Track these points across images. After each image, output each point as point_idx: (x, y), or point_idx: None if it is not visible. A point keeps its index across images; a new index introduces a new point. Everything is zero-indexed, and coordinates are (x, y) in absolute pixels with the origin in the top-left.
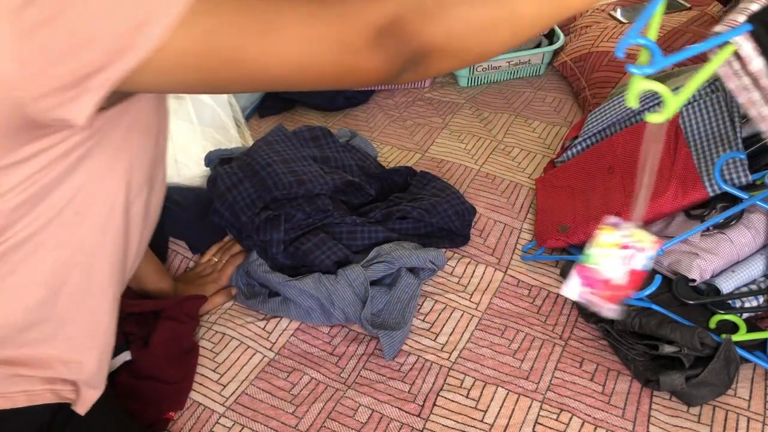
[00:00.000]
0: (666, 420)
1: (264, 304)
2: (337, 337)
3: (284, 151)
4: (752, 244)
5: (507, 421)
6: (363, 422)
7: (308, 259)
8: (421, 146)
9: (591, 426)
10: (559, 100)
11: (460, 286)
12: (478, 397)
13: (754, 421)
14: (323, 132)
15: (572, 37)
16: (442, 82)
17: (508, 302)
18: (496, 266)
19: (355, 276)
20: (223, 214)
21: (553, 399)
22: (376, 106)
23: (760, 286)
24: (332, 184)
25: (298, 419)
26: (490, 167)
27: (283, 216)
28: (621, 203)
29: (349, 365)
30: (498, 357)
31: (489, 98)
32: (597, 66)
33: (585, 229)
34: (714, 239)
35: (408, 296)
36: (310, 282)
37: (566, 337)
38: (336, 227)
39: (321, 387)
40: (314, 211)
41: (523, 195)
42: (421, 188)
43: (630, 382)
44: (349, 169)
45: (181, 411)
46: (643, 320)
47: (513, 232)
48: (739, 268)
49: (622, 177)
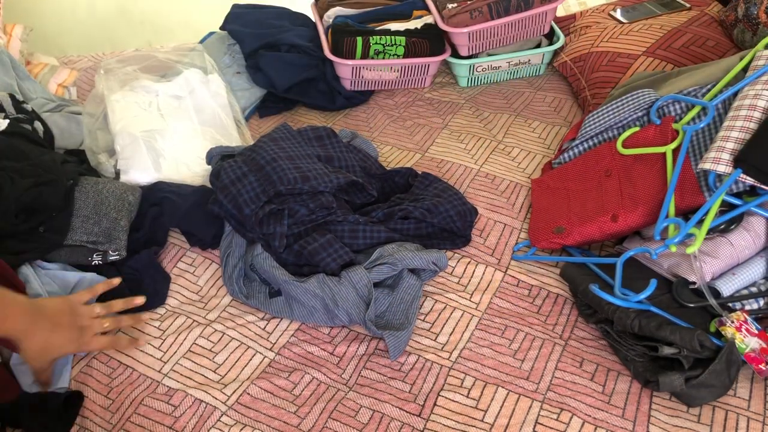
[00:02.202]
0: (666, 420)
1: (267, 306)
2: (338, 337)
3: (289, 148)
4: (752, 247)
5: (507, 420)
6: (364, 423)
7: (314, 260)
8: (421, 146)
9: (591, 426)
10: (559, 100)
11: (460, 286)
12: (478, 397)
13: (754, 421)
14: (327, 132)
15: (572, 37)
16: (442, 82)
17: (508, 302)
18: (496, 266)
19: (359, 278)
20: (224, 205)
21: (553, 399)
22: (376, 106)
23: (760, 289)
24: (336, 183)
25: (300, 419)
26: (490, 167)
27: (287, 211)
28: (617, 206)
29: (350, 365)
30: (498, 357)
31: (489, 98)
32: (597, 66)
33: (580, 230)
34: (714, 242)
35: (411, 297)
36: (314, 282)
37: (566, 337)
38: (338, 225)
39: (322, 387)
40: (317, 207)
41: (522, 195)
42: (423, 189)
43: (630, 382)
44: (352, 169)
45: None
46: (642, 322)
47: (513, 232)
48: (739, 271)
49: (619, 180)
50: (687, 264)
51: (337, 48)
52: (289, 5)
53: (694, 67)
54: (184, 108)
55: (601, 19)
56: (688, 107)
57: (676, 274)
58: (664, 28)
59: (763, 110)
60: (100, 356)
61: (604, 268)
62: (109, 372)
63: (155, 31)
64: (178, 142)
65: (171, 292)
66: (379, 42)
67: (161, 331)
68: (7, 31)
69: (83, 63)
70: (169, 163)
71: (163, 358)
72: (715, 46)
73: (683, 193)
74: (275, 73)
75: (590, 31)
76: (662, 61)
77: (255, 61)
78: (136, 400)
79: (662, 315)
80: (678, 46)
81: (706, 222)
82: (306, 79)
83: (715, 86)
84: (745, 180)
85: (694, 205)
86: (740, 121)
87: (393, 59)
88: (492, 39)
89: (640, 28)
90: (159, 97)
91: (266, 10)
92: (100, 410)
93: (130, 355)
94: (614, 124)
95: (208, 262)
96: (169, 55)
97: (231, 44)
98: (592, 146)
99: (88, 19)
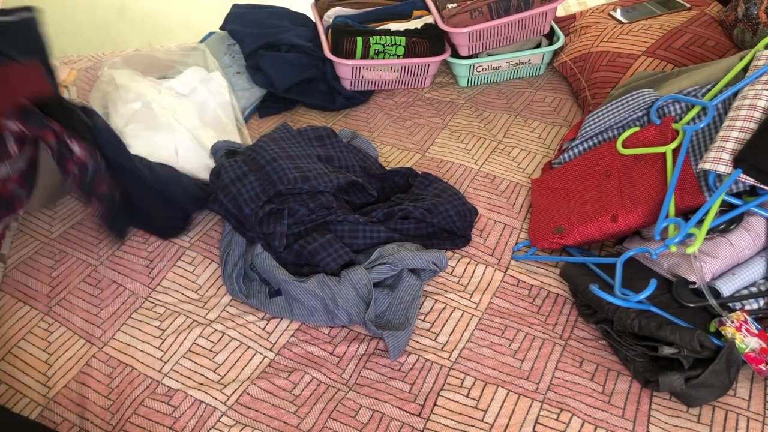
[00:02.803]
0: (666, 420)
1: (267, 305)
2: (338, 337)
3: (289, 147)
4: (752, 247)
5: (507, 420)
6: (364, 422)
7: (314, 260)
8: (421, 146)
9: (591, 426)
10: (559, 100)
11: (460, 286)
12: (478, 397)
13: (753, 421)
14: (327, 132)
15: (572, 37)
16: (442, 82)
17: (508, 302)
18: (496, 266)
19: (359, 278)
20: (224, 204)
21: (553, 399)
22: (376, 106)
23: (760, 289)
24: (336, 183)
25: (300, 419)
26: (490, 167)
27: (287, 210)
28: (617, 206)
29: (350, 365)
30: (498, 357)
31: (489, 98)
32: (597, 66)
33: (580, 230)
34: (714, 242)
35: (411, 297)
36: (314, 282)
37: (566, 337)
38: (338, 225)
39: (322, 387)
40: (317, 207)
41: (522, 195)
42: (423, 189)
43: (630, 382)
44: (352, 169)
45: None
46: (642, 322)
47: (513, 232)
48: (739, 271)
49: (619, 180)
50: (687, 264)
51: (337, 48)
52: (289, 5)
53: (694, 67)
54: (184, 107)
55: (601, 19)
56: (688, 107)
57: (676, 274)
58: (664, 28)
59: (763, 110)
60: (99, 355)
61: (604, 268)
62: (109, 372)
63: (155, 30)
64: (178, 140)
65: (170, 291)
66: (379, 42)
67: (161, 330)
68: None
69: (83, 63)
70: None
71: (163, 358)
72: (715, 46)
73: (683, 193)
74: (275, 73)
75: (590, 31)
76: (662, 61)
77: (255, 61)
78: (136, 401)
79: (662, 315)
80: (678, 46)
81: (706, 222)
82: (306, 79)
83: (715, 86)
84: (745, 180)
85: (694, 205)
86: (740, 121)
87: (393, 59)
88: (492, 39)
89: (640, 28)
90: (161, 96)
91: (266, 10)
92: (100, 411)
93: (130, 354)
94: (614, 124)
95: (208, 262)
96: (171, 55)
97: (231, 44)
98: (592, 146)
99: (88, 19)
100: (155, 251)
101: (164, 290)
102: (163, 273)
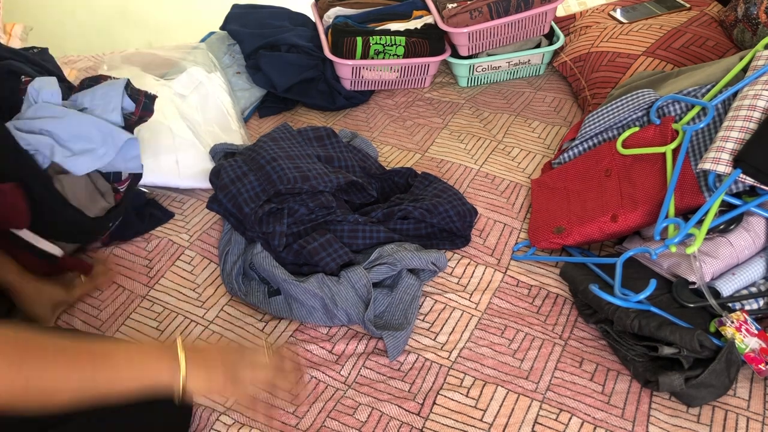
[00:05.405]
0: (666, 420)
1: (266, 305)
2: (336, 336)
3: (289, 147)
4: (752, 247)
5: (506, 420)
6: (363, 421)
7: (313, 260)
8: (421, 146)
9: (591, 426)
10: (559, 100)
11: (459, 286)
12: (477, 397)
13: (753, 421)
14: (327, 132)
15: (572, 37)
16: (442, 82)
17: (508, 302)
18: (495, 266)
19: (358, 278)
20: (223, 204)
21: (552, 399)
22: (376, 106)
23: (760, 289)
24: (336, 183)
25: (298, 419)
26: (490, 167)
27: (286, 210)
28: (617, 206)
29: (349, 364)
30: (498, 356)
31: (489, 98)
32: (597, 66)
33: (580, 230)
34: (714, 242)
35: (410, 297)
36: (313, 282)
37: (566, 337)
38: (338, 225)
39: (321, 386)
40: (317, 207)
41: (522, 195)
42: (423, 189)
43: (630, 382)
44: (352, 169)
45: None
46: (642, 322)
47: (513, 232)
48: (739, 271)
49: (619, 180)
50: (687, 264)
51: (337, 48)
52: (289, 5)
53: (694, 67)
54: (187, 105)
55: (601, 19)
56: (688, 107)
57: (676, 274)
58: (664, 28)
59: (762, 110)
60: None
61: (604, 268)
62: None
63: (155, 31)
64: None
65: (169, 290)
66: (379, 42)
67: (159, 331)
68: (7, 30)
69: (83, 63)
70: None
71: None
72: (715, 46)
73: (683, 193)
74: (275, 73)
75: (590, 31)
76: (662, 61)
77: (255, 61)
78: None
79: (662, 315)
80: (678, 46)
81: (706, 222)
82: (306, 79)
83: (715, 86)
84: (745, 180)
85: (693, 205)
86: (740, 121)
87: (393, 59)
88: (492, 39)
89: (640, 28)
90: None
91: (266, 10)
92: None
93: None
94: (614, 124)
95: (207, 262)
96: (171, 54)
97: (231, 44)
98: (592, 146)
99: (88, 19)
100: (154, 250)
101: (163, 289)
102: (161, 272)
